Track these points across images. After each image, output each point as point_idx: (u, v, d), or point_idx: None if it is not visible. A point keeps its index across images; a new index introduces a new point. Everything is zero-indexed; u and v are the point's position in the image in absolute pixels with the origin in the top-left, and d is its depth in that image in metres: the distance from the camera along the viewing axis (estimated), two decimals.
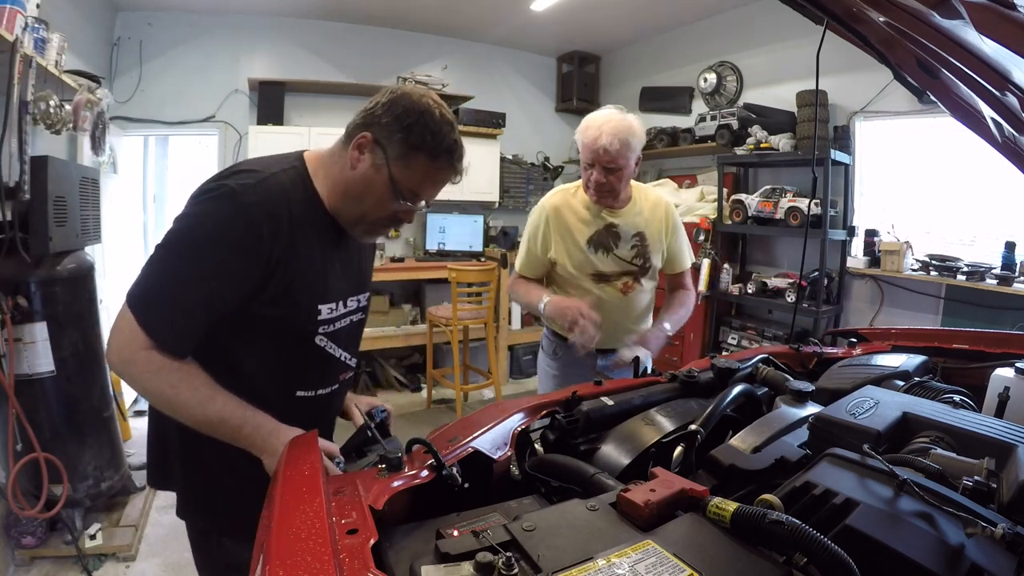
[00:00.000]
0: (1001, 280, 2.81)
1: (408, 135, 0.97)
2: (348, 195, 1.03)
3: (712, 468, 0.83)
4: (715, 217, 4.03)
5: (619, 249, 1.80)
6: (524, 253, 1.92)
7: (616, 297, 1.83)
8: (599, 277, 1.81)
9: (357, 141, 0.99)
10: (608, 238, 1.79)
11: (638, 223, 1.81)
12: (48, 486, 2.07)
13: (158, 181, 5.67)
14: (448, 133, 1.01)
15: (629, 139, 1.64)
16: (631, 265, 1.82)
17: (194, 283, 0.92)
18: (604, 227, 1.79)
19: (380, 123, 0.98)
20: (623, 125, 1.64)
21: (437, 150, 1.00)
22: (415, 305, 4.85)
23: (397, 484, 0.73)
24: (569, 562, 0.53)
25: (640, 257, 1.82)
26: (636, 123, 1.68)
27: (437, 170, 1.02)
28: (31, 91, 2.27)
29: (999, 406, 1.08)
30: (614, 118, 1.65)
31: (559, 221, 1.81)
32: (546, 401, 1.05)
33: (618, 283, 1.82)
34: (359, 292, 1.17)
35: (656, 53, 5.04)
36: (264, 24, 4.52)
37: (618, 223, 1.79)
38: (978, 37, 0.59)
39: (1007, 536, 0.58)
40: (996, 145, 1.00)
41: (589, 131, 1.67)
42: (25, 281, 2.15)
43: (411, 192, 1.02)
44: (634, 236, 1.81)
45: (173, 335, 0.92)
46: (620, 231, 1.79)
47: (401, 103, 0.98)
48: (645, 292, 1.89)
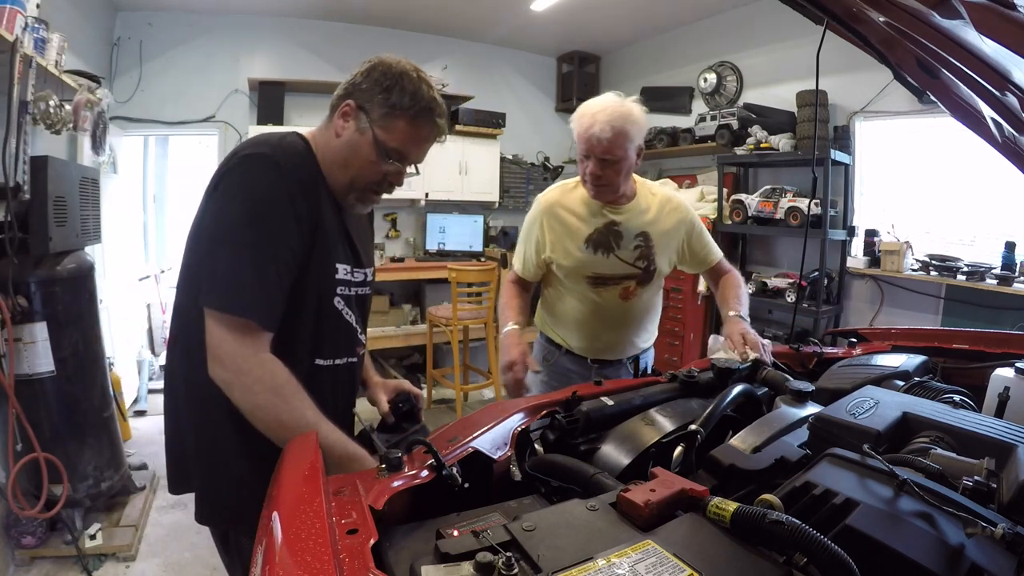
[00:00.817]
0: (1001, 280, 2.81)
1: (388, 96, 1.01)
2: (336, 163, 1.06)
3: (712, 468, 0.83)
4: (715, 217, 4.03)
5: (621, 250, 1.64)
6: (520, 253, 1.79)
7: (615, 303, 1.67)
8: (597, 280, 1.66)
9: (341, 110, 1.04)
10: (609, 237, 1.64)
11: (643, 222, 1.65)
12: (48, 486, 2.07)
13: (158, 181, 5.68)
14: (426, 92, 1.04)
15: (626, 127, 1.49)
16: (633, 268, 1.65)
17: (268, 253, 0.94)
18: (605, 225, 1.64)
19: (361, 89, 1.03)
20: (620, 112, 1.49)
21: (417, 108, 1.03)
22: (415, 305, 4.85)
23: (397, 484, 0.73)
24: (569, 562, 0.53)
25: (644, 259, 1.65)
26: (636, 110, 1.52)
27: (419, 127, 1.05)
28: (31, 91, 2.27)
29: (999, 406, 1.08)
30: (610, 105, 1.50)
31: (556, 218, 1.67)
32: (546, 401, 1.05)
33: (617, 288, 1.66)
34: (365, 266, 1.18)
35: (656, 53, 5.04)
36: (264, 24, 4.52)
37: (620, 221, 1.64)
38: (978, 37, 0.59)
39: (1007, 536, 0.58)
40: (996, 145, 1.00)
41: (583, 119, 1.52)
42: (25, 281, 2.15)
43: (396, 152, 1.05)
44: (638, 236, 1.65)
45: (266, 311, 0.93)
46: (622, 230, 1.64)
47: (379, 68, 1.03)
48: (647, 300, 1.73)
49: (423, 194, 4.70)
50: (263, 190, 0.94)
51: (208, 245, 0.95)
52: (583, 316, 1.69)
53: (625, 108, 1.50)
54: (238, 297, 0.91)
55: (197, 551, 2.41)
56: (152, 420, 3.86)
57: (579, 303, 1.68)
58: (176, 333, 1.09)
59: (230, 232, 0.94)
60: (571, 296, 1.69)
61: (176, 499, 2.83)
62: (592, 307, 1.66)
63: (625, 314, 1.70)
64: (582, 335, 1.71)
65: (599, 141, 1.48)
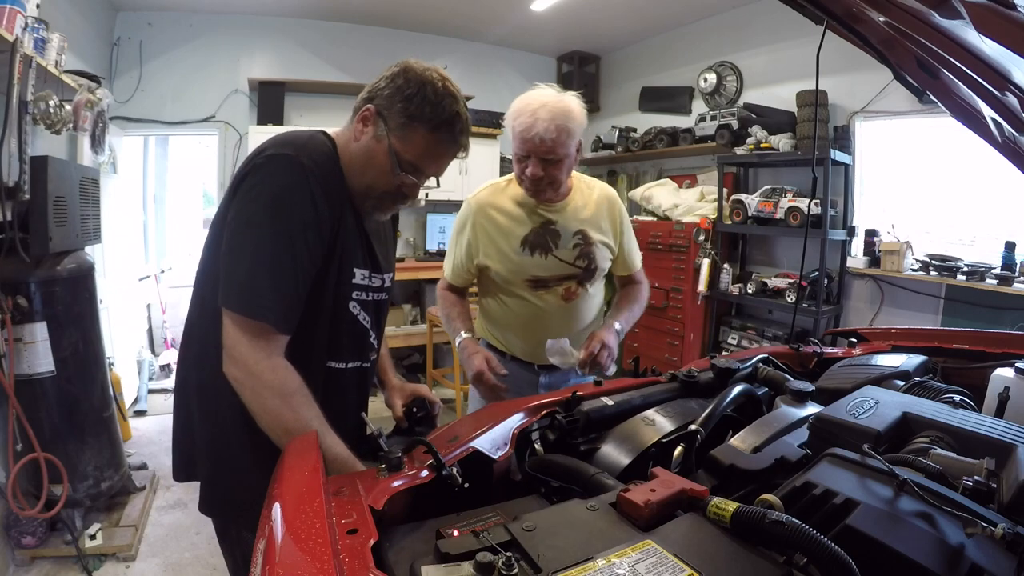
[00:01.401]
0: (1001, 280, 2.81)
1: (408, 105, 0.97)
2: (353, 168, 1.03)
3: (712, 468, 0.84)
4: (715, 217, 4.03)
5: (559, 250, 1.56)
6: (450, 257, 1.69)
7: (557, 305, 1.59)
8: (536, 283, 1.57)
9: (361, 114, 1.01)
10: (546, 237, 1.56)
11: (580, 219, 1.59)
12: (48, 486, 2.07)
13: (158, 181, 5.68)
14: (449, 105, 0.99)
15: (568, 124, 1.42)
16: (573, 267, 1.58)
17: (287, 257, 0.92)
18: (541, 225, 1.56)
19: (383, 95, 1.00)
20: (560, 108, 1.41)
21: (437, 121, 0.99)
22: (415, 305, 4.85)
23: (397, 484, 0.73)
24: (569, 562, 0.53)
25: (584, 258, 1.58)
26: (575, 104, 1.46)
27: (437, 142, 1.01)
28: (31, 91, 2.27)
29: (999, 406, 1.08)
30: (550, 101, 1.42)
31: (488, 220, 1.59)
32: (546, 401, 1.05)
33: (559, 289, 1.58)
34: (384, 272, 1.17)
35: (656, 53, 5.04)
36: (264, 24, 4.52)
37: (557, 219, 1.57)
38: (978, 37, 0.59)
39: (1007, 536, 0.58)
40: (996, 145, 1.00)
41: (522, 117, 1.42)
42: (25, 281, 2.15)
43: (411, 164, 1.02)
44: (576, 234, 1.57)
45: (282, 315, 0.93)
46: (559, 228, 1.56)
47: (404, 75, 0.99)
48: (592, 298, 1.66)
49: (423, 194, 4.67)
50: (285, 192, 0.93)
51: (228, 244, 0.94)
52: (525, 321, 1.61)
53: (565, 103, 1.43)
54: (256, 300, 0.91)
55: (197, 551, 2.41)
56: (152, 420, 3.86)
57: (520, 308, 1.60)
58: (192, 327, 1.08)
59: (250, 233, 0.93)
60: (511, 301, 1.61)
61: (176, 499, 2.85)
62: (534, 311, 1.59)
63: (569, 315, 1.63)
64: (525, 340, 1.63)
65: (543, 141, 1.41)
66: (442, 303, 1.72)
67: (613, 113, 5.46)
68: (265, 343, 0.92)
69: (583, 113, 1.48)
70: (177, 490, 2.94)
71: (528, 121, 1.41)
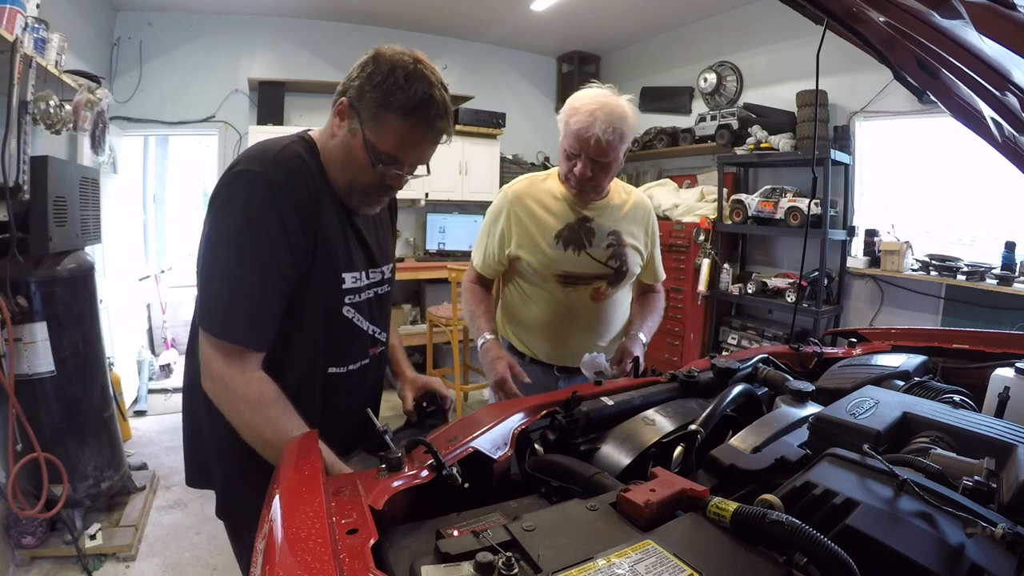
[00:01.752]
0: (1001, 280, 2.81)
1: (377, 93, 0.93)
2: (334, 164, 1.01)
3: (712, 468, 0.83)
4: (715, 217, 4.03)
5: (592, 248, 1.55)
6: (481, 247, 1.65)
7: (585, 305, 1.57)
8: (567, 279, 1.55)
9: (336, 108, 0.98)
10: (581, 233, 1.54)
11: (616, 219, 1.59)
12: (48, 486, 2.07)
13: (158, 181, 5.68)
14: (421, 88, 0.93)
15: (625, 129, 1.42)
16: (605, 267, 1.57)
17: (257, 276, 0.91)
18: (577, 221, 1.55)
19: (354, 86, 0.96)
20: (619, 112, 1.41)
21: (409, 106, 0.93)
22: (415, 305, 4.85)
23: (397, 484, 0.73)
24: (569, 562, 0.53)
25: (616, 259, 1.57)
26: (630, 108, 1.46)
27: (413, 128, 0.95)
28: (31, 91, 2.27)
29: (999, 406, 1.08)
30: (609, 103, 1.41)
31: (524, 210, 1.57)
32: (546, 401, 1.05)
33: (588, 288, 1.57)
34: (381, 264, 1.15)
35: (656, 53, 5.04)
36: (264, 24, 4.52)
37: (593, 217, 1.56)
38: (978, 37, 0.59)
39: (1007, 536, 0.58)
40: (996, 145, 1.00)
41: (579, 116, 1.41)
42: (25, 281, 2.15)
43: (388, 156, 0.97)
44: (610, 234, 1.57)
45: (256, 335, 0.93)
46: (595, 227, 1.55)
47: (373, 61, 0.95)
48: (619, 302, 1.65)
49: (423, 194, 4.70)
50: (252, 210, 0.91)
51: (200, 264, 0.94)
52: (551, 319, 1.59)
53: (622, 108, 1.43)
54: (228, 321, 0.92)
55: (197, 551, 2.41)
56: (152, 420, 3.86)
57: (546, 304, 1.58)
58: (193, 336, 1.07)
59: (221, 253, 0.92)
60: (538, 297, 1.59)
61: (176, 499, 2.85)
62: (561, 309, 1.57)
63: (596, 316, 1.61)
64: (549, 341, 1.61)
65: (598, 142, 1.40)
66: (468, 298, 1.67)
67: None
68: (239, 360, 0.92)
69: (636, 119, 1.48)
70: (177, 490, 2.94)
71: (587, 121, 1.39)
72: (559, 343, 1.59)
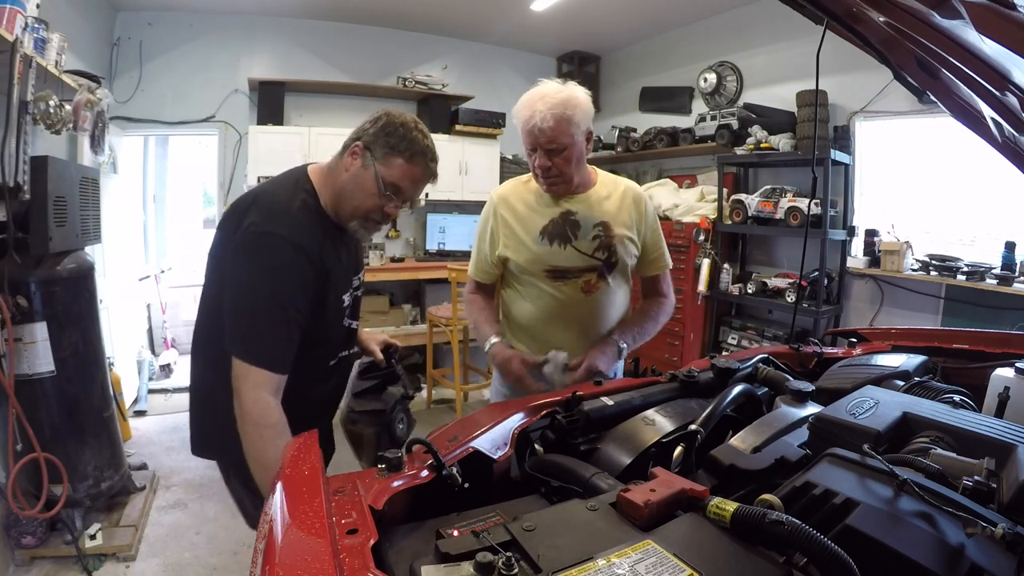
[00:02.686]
0: (1001, 280, 2.81)
1: (389, 139, 1.21)
2: (344, 194, 1.25)
3: (712, 468, 0.84)
4: (715, 217, 4.03)
5: (578, 240, 1.55)
6: (475, 253, 1.70)
7: (576, 298, 1.56)
8: (555, 273, 1.55)
9: (351, 149, 1.23)
10: (565, 227, 1.55)
11: (602, 211, 1.58)
12: (48, 486, 2.07)
13: (158, 181, 5.68)
14: (422, 140, 1.24)
15: (567, 113, 1.42)
16: (593, 259, 1.55)
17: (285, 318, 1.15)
18: (560, 215, 1.56)
19: (368, 133, 1.23)
20: (560, 98, 1.43)
21: (412, 152, 1.22)
22: (415, 305, 4.85)
23: (397, 484, 0.73)
24: (569, 562, 0.53)
25: (604, 250, 1.56)
26: (579, 93, 1.47)
27: (414, 167, 1.24)
28: (31, 91, 2.27)
29: (999, 406, 1.08)
30: (549, 92, 1.44)
31: (509, 211, 1.60)
32: (546, 401, 1.05)
33: (579, 281, 1.56)
34: (358, 272, 1.44)
35: (656, 53, 5.04)
36: (264, 24, 4.52)
37: (577, 210, 1.56)
38: (978, 37, 0.59)
39: (1007, 536, 0.58)
40: (996, 145, 1.00)
41: (523, 111, 1.47)
42: (25, 281, 2.15)
43: (393, 186, 1.23)
44: (596, 226, 1.56)
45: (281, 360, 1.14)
46: (580, 219, 1.55)
47: (386, 117, 1.23)
48: (614, 293, 1.61)
49: (423, 194, 4.68)
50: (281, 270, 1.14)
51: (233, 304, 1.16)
52: (543, 315, 1.59)
53: (565, 93, 1.44)
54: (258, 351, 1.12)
55: (197, 551, 2.41)
56: (152, 420, 3.86)
57: (538, 300, 1.58)
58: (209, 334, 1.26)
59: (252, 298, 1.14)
60: (529, 294, 1.60)
61: (176, 499, 2.85)
62: (553, 304, 1.57)
63: (589, 310, 1.59)
64: (542, 339, 1.58)
65: (542, 131, 1.43)
66: (469, 308, 1.71)
67: (613, 113, 5.47)
68: (258, 382, 1.11)
69: (586, 102, 1.48)
70: (177, 490, 2.94)
71: (527, 114, 1.46)
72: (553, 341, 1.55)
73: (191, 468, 3.15)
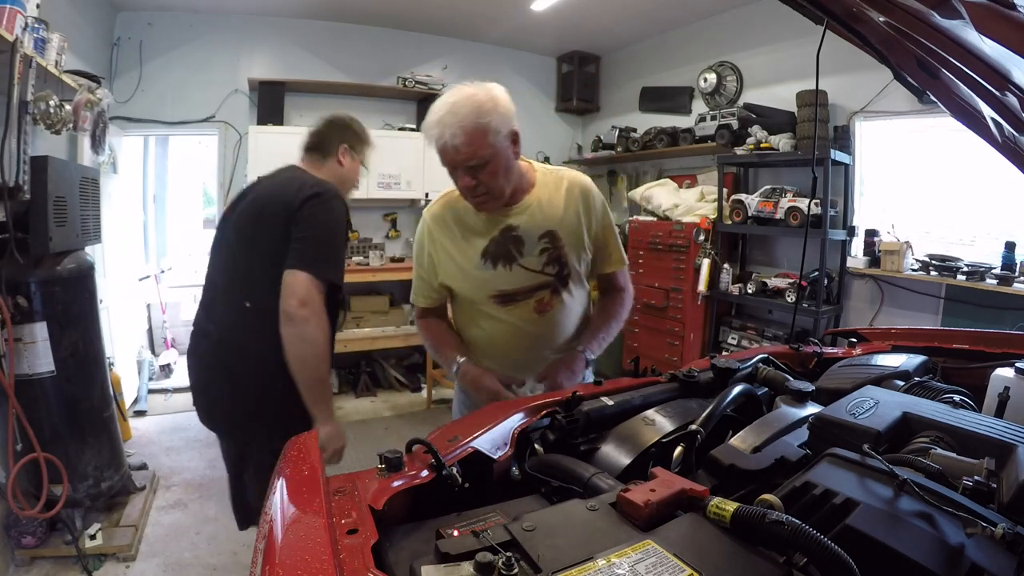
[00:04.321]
0: (1001, 280, 2.81)
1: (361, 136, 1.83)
2: (347, 179, 1.79)
3: (712, 468, 0.84)
4: (715, 217, 4.02)
5: (524, 258, 1.40)
6: (415, 279, 1.55)
7: (530, 320, 1.42)
8: (504, 298, 1.41)
9: (342, 150, 1.77)
10: (508, 246, 1.39)
11: (546, 217, 1.41)
12: (48, 486, 2.07)
13: (158, 181, 5.68)
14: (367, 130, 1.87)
15: (480, 121, 1.23)
16: (543, 275, 1.41)
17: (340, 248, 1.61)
18: (500, 233, 1.39)
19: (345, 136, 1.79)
20: (470, 107, 1.23)
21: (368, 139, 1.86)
22: None
23: (397, 484, 0.73)
24: (569, 562, 0.53)
25: (554, 263, 1.41)
26: (492, 94, 1.27)
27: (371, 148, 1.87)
28: (31, 91, 2.27)
29: (999, 406, 1.08)
30: (457, 101, 1.25)
31: (445, 234, 1.44)
32: (546, 401, 1.05)
33: (530, 302, 1.42)
34: None
35: (656, 53, 5.03)
36: (264, 24, 4.51)
37: (518, 223, 1.39)
38: (978, 37, 0.59)
39: (1007, 536, 0.58)
40: (996, 145, 1.00)
41: (431, 129, 1.27)
42: (25, 281, 2.15)
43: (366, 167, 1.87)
44: (542, 237, 1.40)
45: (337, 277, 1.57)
46: (522, 234, 1.39)
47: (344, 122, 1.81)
48: (570, 306, 1.46)
49: (423, 194, 4.70)
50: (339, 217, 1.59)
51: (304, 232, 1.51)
52: (498, 341, 1.46)
53: (476, 98, 1.25)
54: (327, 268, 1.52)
55: (197, 551, 2.41)
56: (152, 420, 3.86)
57: (490, 327, 1.45)
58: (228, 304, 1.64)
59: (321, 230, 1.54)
60: (479, 320, 1.47)
61: (176, 499, 2.85)
62: (507, 329, 1.43)
63: (546, 329, 1.45)
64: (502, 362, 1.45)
65: (456, 148, 1.25)
66: (425, 336, 1.57)
67: (613, 113, 5.47)
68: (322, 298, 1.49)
69: (503, 102, 1.28)
70: (177, 490, 2.94)
71: (436, 132, 1.26)
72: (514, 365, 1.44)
73: (191, 468, 3.16)
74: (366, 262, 4.51)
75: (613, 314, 1.54)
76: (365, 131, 1.84)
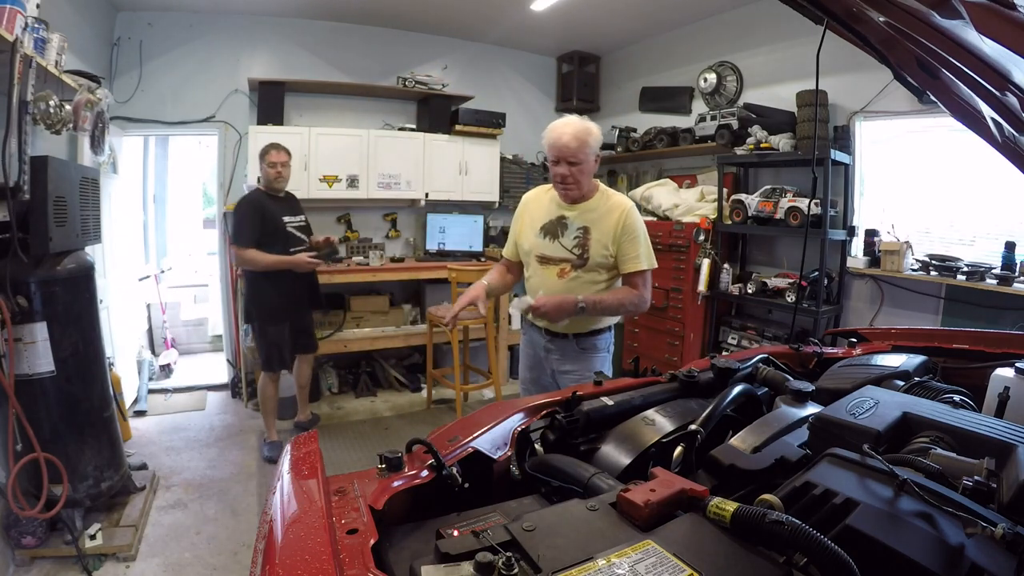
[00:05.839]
0: (1001, 280, 2.81)
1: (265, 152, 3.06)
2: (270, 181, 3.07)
3: (712, 468, 0.84)
4: (715, 217, 4.02)
5: (563, 238, 2.05)
6: (509, 238, 2.30)
7: (552, 280, 2.06)
8: (542, 259, 2.09)
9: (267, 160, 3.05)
10: (557, 227, 2.07)
11: (587, 219, 2.03)
12: (48, 486, 2.07)
13: (158, 181, 5.68)
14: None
15: (587, 139, 1.95)
16: (570, 253, 2.04)
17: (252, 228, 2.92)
18: (556, 218, 2.08)
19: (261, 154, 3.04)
20: (582, 127, 1.95)
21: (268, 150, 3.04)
22: (415, 305, 4.84)
23: (397, 484, 0.73)
24: (569, 562, 0.53)
25: (580, 248, 2.03)
26: (595, 128, 1.99)
27: None
28: (31, 91, 2.27)
29: (999, 406, 1.08)
30: (575, 121, 1.97)
31: (527, 209, 2.19)
32: (546, 401, 1.05)
33: (556, 268, 2.06)
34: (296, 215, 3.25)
35: (656, 53, 5.03)
36: (264, 24, 4.51)
37: (569, 216, 2.06)
38: (978, 37, 0.59)
39: (1007, 536, 0.58)
40: (996, 145, 1.00)
41: (553, 132, 1.98)
42: (25, 281, 2.15)
43: None
44: (579, 229, 2.03)
45: None
46: (568, 223, 2.05)
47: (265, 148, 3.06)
48: (584, 283, 2.04)
49: (423, 194, 4.70)
50: None
51: None
52: (534, 283, 2.13)
53: (586, 125, 1.97)
54: None
55: (197, 551, 2.41)
56: (152, 420, 3.86)
57: (532, 276, 2.14)
58: None
59: None
60: (529, 269, 2.16)
61: (176, 499, 2.85)
62: (538, 280, 2.10)
63: (561, 288, 2.04)
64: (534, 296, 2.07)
65: (566, 147, 1.93)
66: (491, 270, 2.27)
67: (613, 113, 5.46)
68: None
69: (599, 134, 2.01)
70: (177, 490, 2.94)
71: (557, 134, 1.96)
72: None
73: (191, 468, 3.16)
74: (366, 262, 4.51)
75: (619, 294, 2.06)
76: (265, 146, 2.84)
